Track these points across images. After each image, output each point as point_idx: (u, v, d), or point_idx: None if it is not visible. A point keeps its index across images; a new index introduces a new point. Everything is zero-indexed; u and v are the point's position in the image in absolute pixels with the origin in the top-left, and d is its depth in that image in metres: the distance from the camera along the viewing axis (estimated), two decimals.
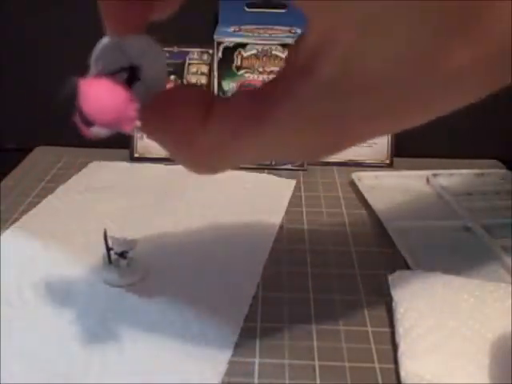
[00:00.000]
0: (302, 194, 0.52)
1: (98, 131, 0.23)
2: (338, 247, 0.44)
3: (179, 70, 0.58)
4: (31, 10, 0.59)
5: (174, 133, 0.23)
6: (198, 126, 0.22)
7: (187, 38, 0.58)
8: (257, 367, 0.32)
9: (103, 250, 0.39)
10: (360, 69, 0.18)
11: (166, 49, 0.58)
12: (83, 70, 0.23)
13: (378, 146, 0.59)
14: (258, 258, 0.42)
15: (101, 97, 0.22)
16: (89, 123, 0.23)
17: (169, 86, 0.25)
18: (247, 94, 0.22)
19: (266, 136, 0.21)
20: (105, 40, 0.23)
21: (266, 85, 0.22)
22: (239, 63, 0.56)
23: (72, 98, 0.23)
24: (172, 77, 0.58)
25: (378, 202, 0.49)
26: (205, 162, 0.24)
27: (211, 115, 0.22)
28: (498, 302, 0.34)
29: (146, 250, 0.41)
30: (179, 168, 0.61)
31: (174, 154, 0.24)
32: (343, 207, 0.50)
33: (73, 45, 0.60)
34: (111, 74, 0.23)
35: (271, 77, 0.23)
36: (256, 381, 0.31)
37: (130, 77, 0.23)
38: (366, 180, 0.54)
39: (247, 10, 0.57)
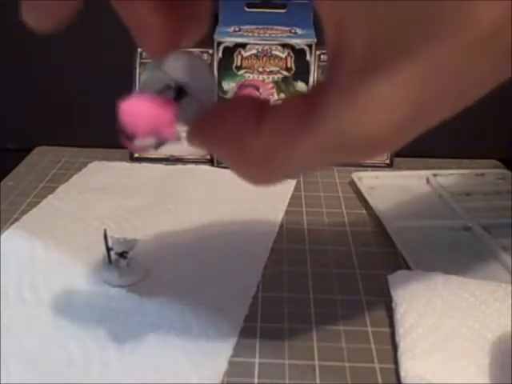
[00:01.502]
0: (302, 193, 0.52)
1: (141, 143, 0.23)
2: (338, 247, 0.44)
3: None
4: None
5: (227, 140, 0.23)
6: (250, 131, 0.22)
7: None
8: (257, 367, 0.32)
9: (103, 249, 0.39)
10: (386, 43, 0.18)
11: None
12: (83, 70, 0.23)
13: None
14: (257, 257, 0.42)
15: (134, 108, 0.23)
16: (130, 137, 0.23)
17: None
18: (298, 95, 0.22)
19: (317, 136, 0.20)
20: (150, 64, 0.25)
21: (316, 85, 0.22)
22: (239, 63, 0.56)
23: None
24: None
25: (378, 202, 0.49)
26: (259, 170, 0.23)
27: (263, 119, 0.22)
28: (498, 301, 0.34)
29: (146, 250, 0.41)
30: (179, 168, 0.61)
31: (228, 163, 0.24)
32: (343, 207, 0.50)
33: (73, 45, 0.60)
34: (157, 94, 0.23)
35: (271, 77, 0.23)
36: (256, 381, 0.31)
37: (177, 94, 0.24)
38: (365, 180, 0.54)
39: (247, 10, 0.57)
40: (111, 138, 0.68)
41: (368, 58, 0.18)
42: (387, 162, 0.58)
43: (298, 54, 0.56)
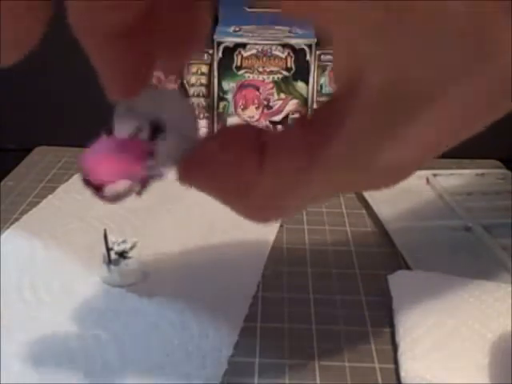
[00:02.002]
0: None
1: (112, 191, 0.21)
2: (338, 247, 0.44)
3: (179, 70, 0.58)
4: None
5: (226, 183, 0.21)
6: (252, 173, 0.20)
7: None
8: (257, 367, 0.32)
9: (103, 250, 0.39)
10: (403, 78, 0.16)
11: None
12: (83, 70, 0.23)
13: None
14: (258, 257, 0.42)
15: (97, 154, 0.21)
16: (97, 187, 0.21)
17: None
18: (298, 123, 0.20)
19: (325, 174, 0.19)
20: (116, 108, 0.22)
21: (317, 114, 0.20)
22: (239, 63, 0.56)
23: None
24: (172, 77, 0.58)
25: (377, 202, 0.49)
26: (261, 211, 0.22)
27: (264, 158, 0.20)
28: (498, 301, 0.34)
29: (146, 250, 0.41)
30: None
31: (225, 203, 0.22)
32: (343, 207, 0.50)
33: (73, 45, 0.60)
34: (130, 139, 0.21)
35: (271, 77, 0.22)
36: (256, 381, 0.31)
37: (151, 132, 0.22)
38: None
39: (247, 10, 0.57)
40: None
41: (389, 97, 0.17)
42: None
43: (298, 54, 0.56)
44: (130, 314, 0.35)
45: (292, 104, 0.57)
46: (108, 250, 0.38)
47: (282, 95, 0.57)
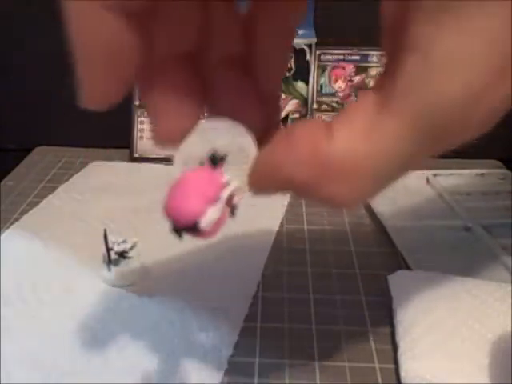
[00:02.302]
0: None
1: (206, 222, 0.22)
2: (338, 247, 0.44)
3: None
4: (31, 10, 0.59)
5: (302, 157, 0.20)
6: (323, 138, 0.19)
7: None
8: (257, 367, 0.32)
9: (103, 250, 0.39)
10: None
11: None
12: None
13: None
14: (258, 257, 0.42)
15: (176, 200, 0.23)
16: (192, 227, 0.22)
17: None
18: (369, 90, 0.20)
19: (401, 115, 0.19)
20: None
21: (380, 77, 0.20)
22: None
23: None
24: None
25: (377, 201, 0.49)
26: (346, 183, 0.20)
27: (334, 125, 0.20)
28: (498, 301, 0.34)
29: (146, 250, 0.41)
30: None
31: (310, 190, 0.21)
32: None
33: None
34: (197, 172, 0.22)
35: None
36: (256, 381, 0.31)
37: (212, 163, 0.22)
38: None
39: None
40: (111, 138, 0.68)
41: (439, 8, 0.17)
42: None
43: (298, 53, 0.56)
44: (130, 314, 0.35)
45: (292, 104, 0.57)
46: (108, 250, 0.38)
47: (282, 95, 0.57)
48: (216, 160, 0.22)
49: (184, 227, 0.22)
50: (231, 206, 0.23)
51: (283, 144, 0.21)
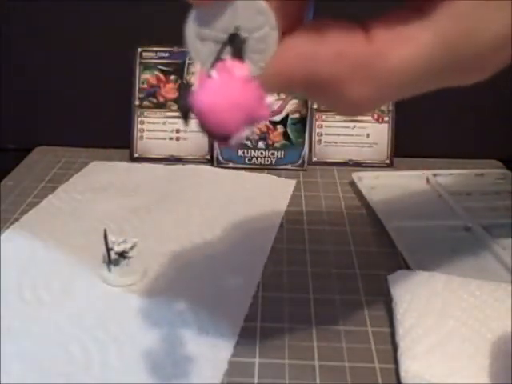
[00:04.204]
0: (302, 193, 0.52)
1: (237, 140, 0.20)
2: (338, 247, 0.44)
3: (179, 70, 0.58)
4: (31, 10, 0.59)
5: (334, 48, 0.20)
6: (358, 36, 0.20)
7: None
8: (257, 367, 0.32)
9: (103, 250, 0.39)
10: None
11: (166, 49, 0.58)
12: (83, 70, 0.23)
13: (377, 146, 0.59)
14: (258, 257, 0.42)
15: (216, 104, 0.20)
16: (224, 138, 0.20)
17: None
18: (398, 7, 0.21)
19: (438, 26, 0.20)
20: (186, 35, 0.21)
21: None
22: None
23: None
24: (172, 77, 0.58)
25: (377, 202, 0.49)
26: (372, 81, 0.20)
27: (369, 27, 0.20)
28: (498, 301, 0.34)
29: (146, 250, 0.41)
30: (179, 168, 0.61)
31: (327, 90, 0.21)
32: (343, 207, 0.50)
33: (73, 45, 0.60)
34: (239, 80, 0.20)
35: None
36: (256, 381, 0.31)
37: (234, 47, 0.21)
38: (366, 180, 0.54)
39: None
40: (111, 138, 0.68)
41: None
42: (387, 162, 0.58)
43: None
44: (130, 314, 0.35)
45: (292, 104, 0.57)
46: (108, 250, 0.38)
47: (282, 95, 0.57)
48: (238, 42, 0.21)
49: (215, 137, 0.20)
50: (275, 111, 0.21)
51: (313, 37, 0.20)
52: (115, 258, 0.39)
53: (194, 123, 0.21)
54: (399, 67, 0.20)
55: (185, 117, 0.21)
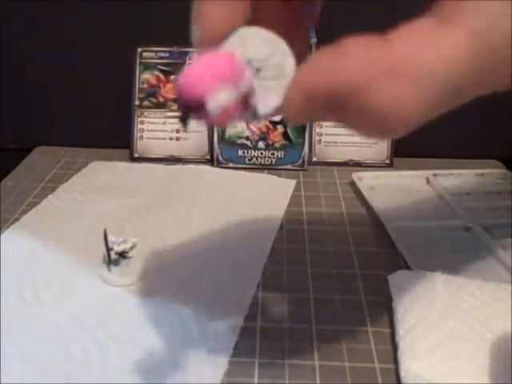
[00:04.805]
0: (302, 194, 0.52)
1: (214, 103, 0.20)
2: (338, 247, 0.44)
3: (179, 70, 0.58)
4: (31, 10, 0.59)
5: (357, 55, 0.20)
6: (381, 43, 0.20)
7: (187, 38, 0.58)
8: (257, 367, 0.32)
9: (103, 250, 0.39)
10: None
11: (166, 49, 0.58)
12: (83, 70, 0.23)
13: (378, 146, 0.59)
14: (258, 257, 0.42)
15: (188, 74, 0.20)
16: (199, 106, 0.20)
17: None
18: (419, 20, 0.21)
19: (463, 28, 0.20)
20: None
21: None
22: None
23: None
24: (172, 77, 0.58)
25: (378, 202, 0.49)
26: (395, 88, 0.20)
27: (393, 36, 0.21)
28: (498, 302, 0.34)
29: (146, 249, 0.41)
30: (179, 168, 0.61)
31: (358, 98, 0.21)
32: (343, 207, 0.50)
33: (73, 45, 0.60)
34: (223, 53, 0.21)
35: None
36: (256, 381, 0.31)
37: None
38: (366, 180, 0.54)
39: None
40: (111, 138, 0.68)
41: None
42: (387, 162, 0.58)
43: None
44: (130, 314, 0.35)
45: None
46: (108, 250, 0.38)
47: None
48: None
49: (192, 105, 0.20)
50: (249, 107, 0.21)
51: (334, 54, 0.21)
52: (115, 258, 0.39)
53: (192, 124, 0.21)
54: (427, 67, 0.20)
55: (183, 118, 0.21)
